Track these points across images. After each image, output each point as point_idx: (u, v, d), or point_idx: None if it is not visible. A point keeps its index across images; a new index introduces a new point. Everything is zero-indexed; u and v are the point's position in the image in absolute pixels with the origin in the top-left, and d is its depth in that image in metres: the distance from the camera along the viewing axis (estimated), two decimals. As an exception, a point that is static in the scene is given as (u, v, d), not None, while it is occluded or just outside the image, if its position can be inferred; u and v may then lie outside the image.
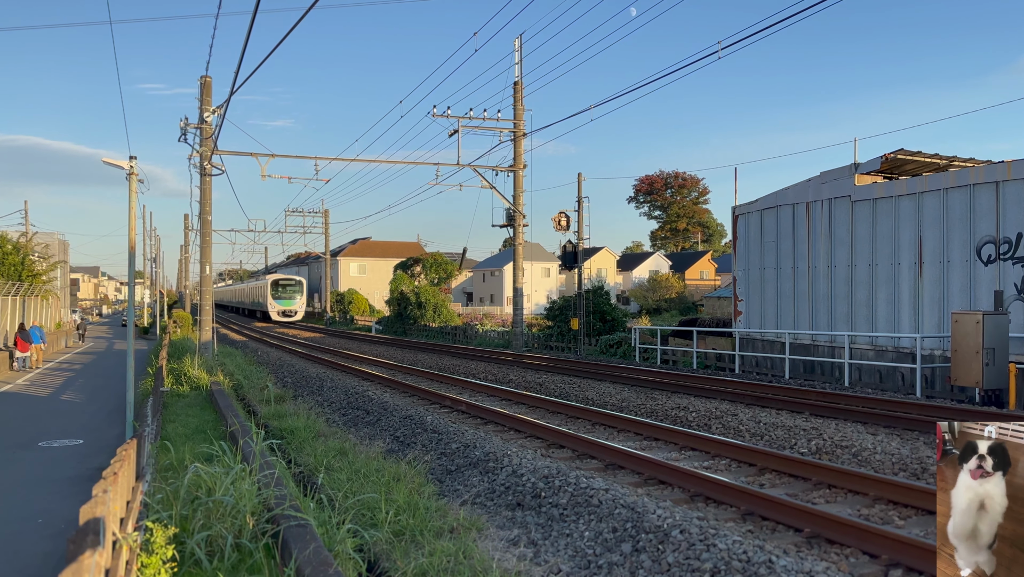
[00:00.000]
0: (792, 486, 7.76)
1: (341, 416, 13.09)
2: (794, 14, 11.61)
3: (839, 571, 4.93)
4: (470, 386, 16.39)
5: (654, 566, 5.23)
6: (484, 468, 8.28)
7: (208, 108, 23.71)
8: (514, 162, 29.28)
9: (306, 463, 8.75)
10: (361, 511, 6.17)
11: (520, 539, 6.05)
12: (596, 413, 11.89)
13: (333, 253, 59.57)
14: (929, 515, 6.54)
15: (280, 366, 22.31)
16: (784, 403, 11.40)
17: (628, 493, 6.90)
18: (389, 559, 5.52)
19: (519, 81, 29.24)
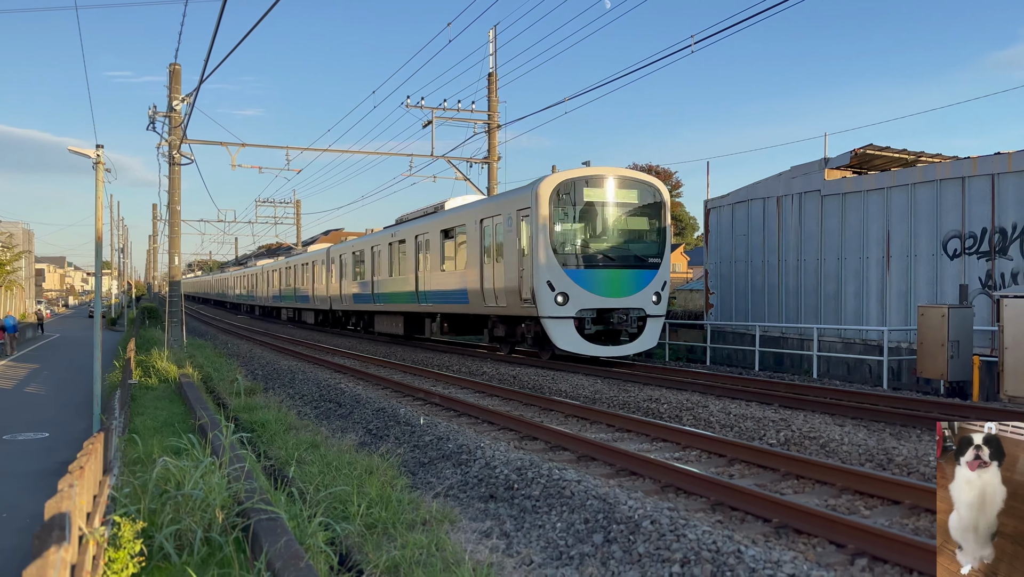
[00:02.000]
0: (761, 477, 7.86)
1: (313, 409, 13.02)
2: (765, 9, 11.71)
3: (806, 560, 5.01)
4: (444, 378, 16.38)
5: (625, 557, 5.27)
6: (457, 460, 8.29)
7: (177, 96, 23.35)
8: (488, 154, 29.23)
9: (277, 456, 8.69)
10: (333, 504, 6.15)
11: (493, 531, 6.07)
12: (569, 405, 11.94)
13: (305, 244, 59.04)
14: (893, 505, 6.66)
15: (251, 358, 22.12)
16: (754, 395, 11.54)
17: (600, 484, 6.95)
18: (361, 552, 5.51)
19: (493, 72, 29.16)
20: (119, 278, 65.91)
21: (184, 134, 23.69)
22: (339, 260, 31.92)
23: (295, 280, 40.16)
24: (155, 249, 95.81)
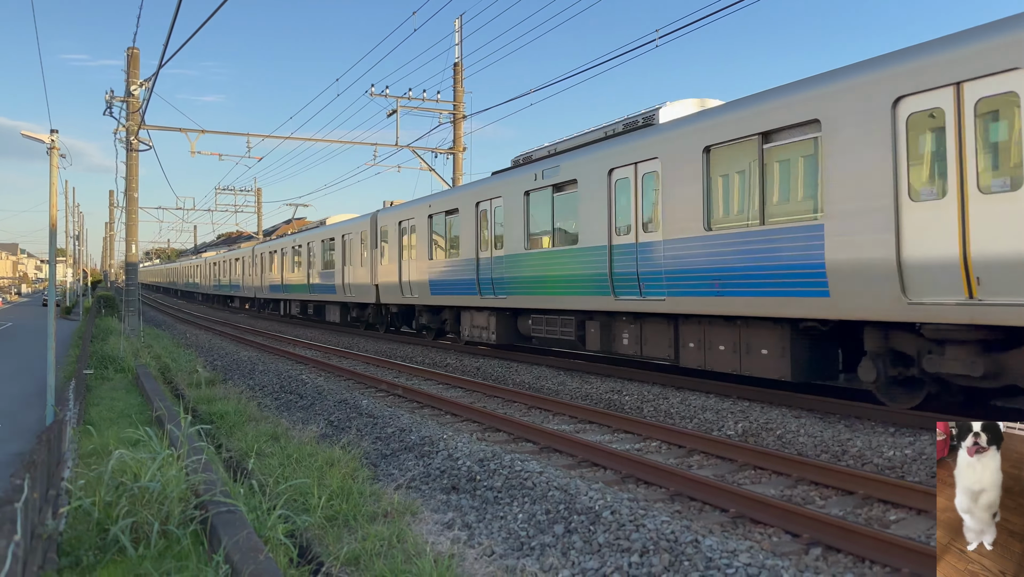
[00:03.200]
0: (719, 467, 7.99)
1: (273, 400, 12.89)
2: (728, 5, 11.83)
3: (762, 550, 5.11)
4: (407, 370, 16.33)
5: (585, 547, 5.33)
6: (420, 452, 8.28)
7: (135, 81, 22.85)
8: (453, 144, 29.12)
9: (237, 448, 8.60)
10: (293, 497, 6.11)
11: (455, 522, 6.09)
12: (532, 397, 11.99)
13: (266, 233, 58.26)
14: (847, 495, 6.82)
15: (210, 349, 21.81)
16: (713, 386, 11.70)
17: (561, 475, 7.00)
18: (322, 544, 5.49)
19: (459, 62, 29.02)
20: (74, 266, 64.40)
21: (142, 120, 23.20)
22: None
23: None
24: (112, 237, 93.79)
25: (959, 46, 7.51)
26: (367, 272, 23.68)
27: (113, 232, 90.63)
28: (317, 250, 29.37)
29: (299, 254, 31.86)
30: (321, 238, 28.82)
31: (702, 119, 11.06)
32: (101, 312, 35.81)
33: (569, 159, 14.00)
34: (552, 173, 14.40)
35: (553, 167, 14.42)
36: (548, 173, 14.55)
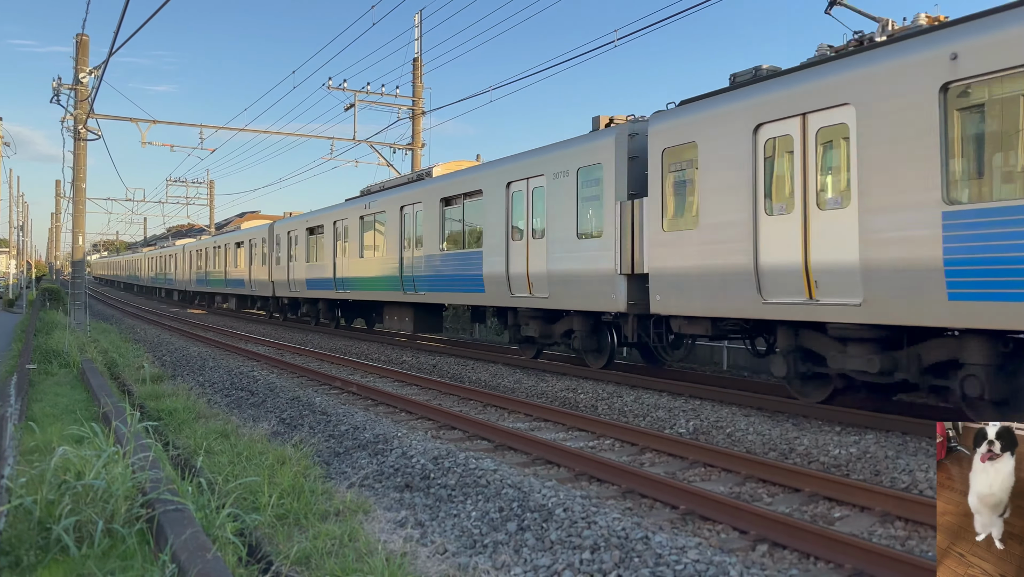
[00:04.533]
0: (671, 465, 8.10)
1: (224, 397, 12.69)
2: (687, 8, 11.99)
3: (710, 546, 5.21)
4: (362, 367, 16.22)
5: (538, 544, 5.36)
6: (373, 450, 8.24)
7: (84, 68, 22.25)
8: (412, 140, 28.98)
9: (185, 446, 8.45)
10: (243, 495, 6.03)
11: (407, 520, 6.07)
12: (488, 395, 12.01)
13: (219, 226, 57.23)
14: (794, 492, 6.97)
15: (159, 344, 21.36)
16: (667, 385, 11.86)
17: (516, 473, 7.04)
18: (272, 543, 5.43)
19: (419, 58, 28.89)
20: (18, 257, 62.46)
21: (91, 108, 22.59)
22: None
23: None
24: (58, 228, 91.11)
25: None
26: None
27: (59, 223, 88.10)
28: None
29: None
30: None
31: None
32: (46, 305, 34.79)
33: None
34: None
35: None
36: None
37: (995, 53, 7.11)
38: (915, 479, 6.94)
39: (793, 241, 8.99)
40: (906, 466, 7.18)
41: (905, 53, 7.93)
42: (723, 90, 10.32)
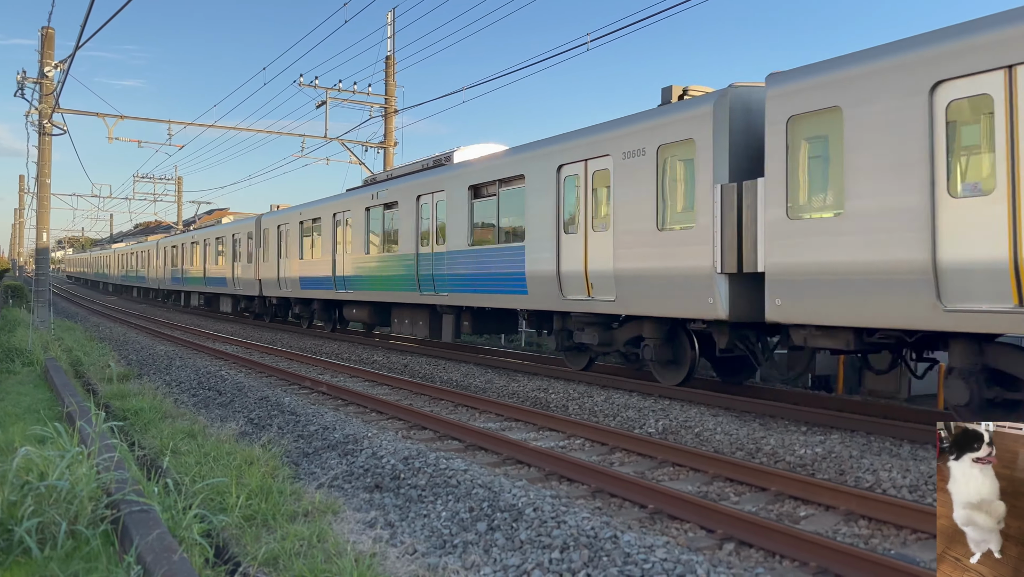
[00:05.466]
0: (640, 464, 8.17)
1: (191, 397, 12.54)
2: (657, 12, 12.08)
3: (678, 545, 5.27)
4: (332, 367, 16.11)
5: (507, 544, 5.38)
6: (343, 450, 8.19)
7: (50, 62, 21.85)
8: (384, 139, 28.85)
9: (151, 446, 8.34)
10: (210, 496, 5.97)
11: (377, 521, 6.05)
12: (459, 394, 12.01)
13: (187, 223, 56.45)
14: (760, 491, 7.07)
15: (124, 343, 21.04)
16: (637, 385, 11.94)
17: (486, 473, 7.05)
18: (239, 544, 5.39)
19: (391, 56, 28.77)
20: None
21: (57, 103, 22.19)
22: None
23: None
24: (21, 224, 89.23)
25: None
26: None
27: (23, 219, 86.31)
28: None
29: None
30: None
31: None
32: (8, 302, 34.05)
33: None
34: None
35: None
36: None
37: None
38: (879, 478, 7.07)
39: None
40: (870, 465, 7.31)
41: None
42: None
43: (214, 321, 31.15)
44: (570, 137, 12.50)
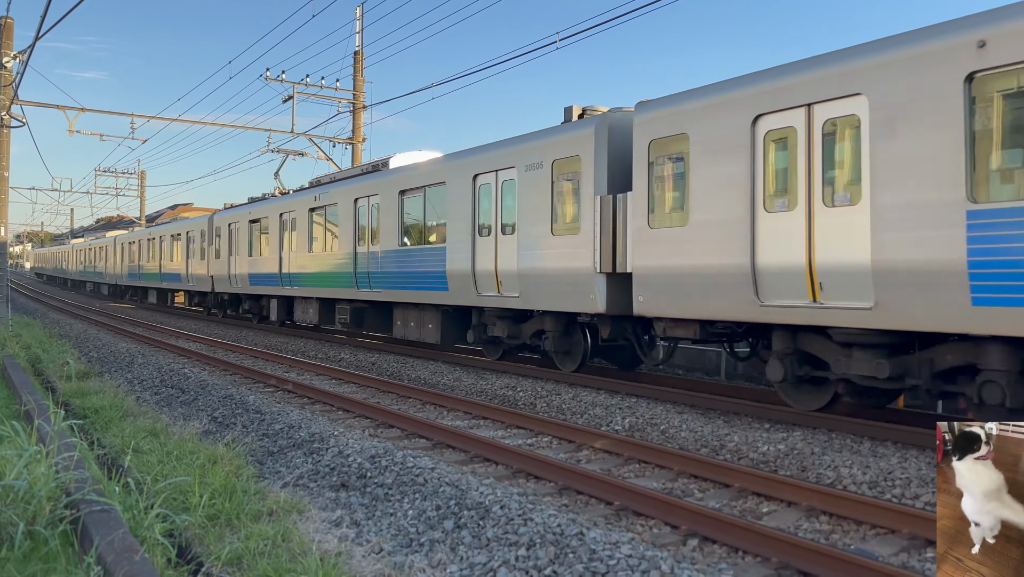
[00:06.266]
0: (607, 461, 8.23)
1: (153, 395, 12.35)
2: (627, 12, 12.16)
3: (643, 541, 5.32)
4: (298, 364, 15.97)
5: (474, 541, 5.39)
6: (309, 449, 8.13)
7: (8, 53, 21.32)
8: (353, 134, 28.64)
9: (112, 445, 8.20)
10: (173, 495, 5.89)
11: (343, 520, 6.02)
12: (427, 393, 11.98)
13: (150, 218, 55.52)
14: (724, 488, 7.16)
15: (85, 340, 20.64)
16: (604, 383, 12.03)
17: (454, 471, 7.05)
18: (202, 544, 5.32)
19: (360, 51, 28.58)
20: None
21: (15, 94, 21.67)
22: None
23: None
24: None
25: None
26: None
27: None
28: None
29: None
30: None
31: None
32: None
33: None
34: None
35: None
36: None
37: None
38: (840, 475, 7.20)
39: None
40: (831, 462, 7.45)
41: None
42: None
43: (177, 318, 30.69)
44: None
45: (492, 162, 13.43)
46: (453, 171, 14.45)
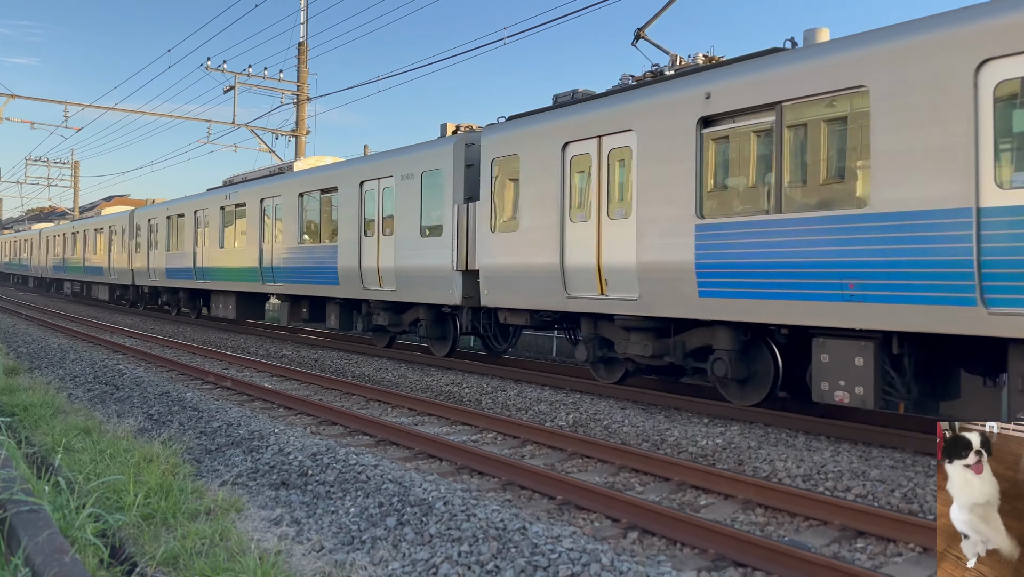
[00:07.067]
0: (550, 457, 8.30)
1: (86, 392, 11.97)
2: (576, 11, 12.25)
3: (584, 535, 5.38)
4: (238, 361, 15.67)
5: (416, 538, 5.38)
6: (248, 447, 8.00)
7: (-72, 33, 20.39)
8: (296, 127, 28.21)
9: (42, 443, 7.93)
10: (106, 494, 5.73)
11: (283, 518, 5.94)
12: (371, 389, 11.88)
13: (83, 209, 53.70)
14: (664, 481, 7.29)
15: (13, 335, 19.88)
16: (550, 379, 12.11)
17: (397, 468, 7.01)
18: (137, 544, 5.19)
19: (304, 42, 28.15)
20: None
21: (-64, 77, 20.73)
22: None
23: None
24: None
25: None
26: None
27: None
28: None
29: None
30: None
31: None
32: None
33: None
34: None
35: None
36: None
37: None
38: (775, 468, 7.40)
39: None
40: (767, 456, 7.65)
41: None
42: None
43: (111, 313, 29.79)
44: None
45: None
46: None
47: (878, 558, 5.47)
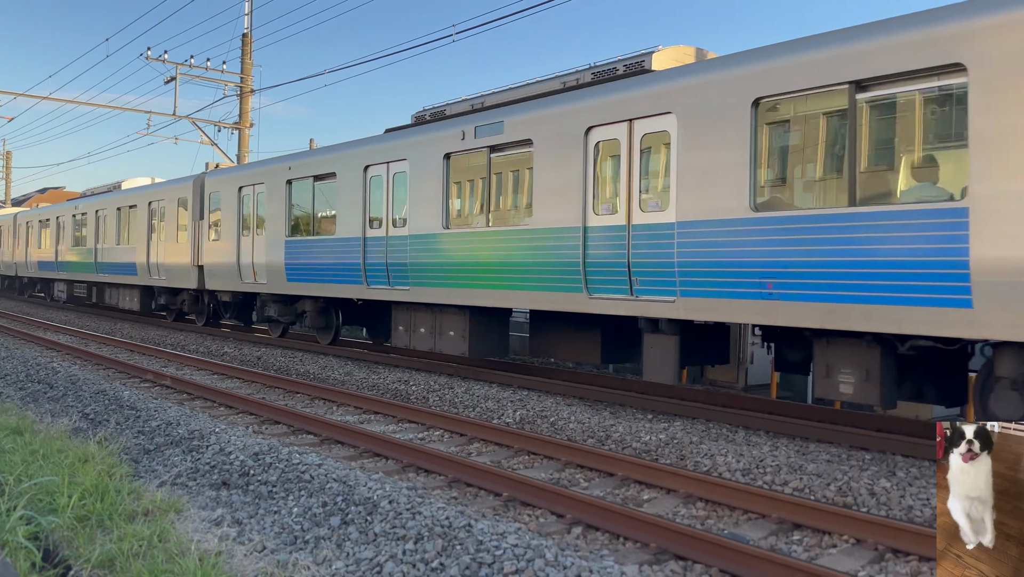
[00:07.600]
0: (497, 454, 8.33)
1: (18, 391, 11.56)
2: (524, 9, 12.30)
3: (529, 531, 5.43)
4: (177, 359, 15.32)
5: (361, 537, 5.35)
6: (188, 447, 7.83)
7: None
8: (240, 119, 27.66)
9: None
10: (39, 496, 5.56)
11: (224, 519, 5.84)
12: (316, 387, 11.74)
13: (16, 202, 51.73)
14: (608, 476, 7.39)
15: (-61, 332, 19.06)
16: (499, 376, 12.14)
17: (341, 467, 6.96)
18: (71, 546, 5.05)
19: (248, 34, 27.63)
20: None
21: None
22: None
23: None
24: None
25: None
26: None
27: None
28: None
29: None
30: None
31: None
32: None
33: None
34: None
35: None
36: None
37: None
38: (715, 463, 7.57)
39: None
40: (708, 451, 7.81)
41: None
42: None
43: (46, 309, 28.79)
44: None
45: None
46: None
47: (814, 550, 5.65)
